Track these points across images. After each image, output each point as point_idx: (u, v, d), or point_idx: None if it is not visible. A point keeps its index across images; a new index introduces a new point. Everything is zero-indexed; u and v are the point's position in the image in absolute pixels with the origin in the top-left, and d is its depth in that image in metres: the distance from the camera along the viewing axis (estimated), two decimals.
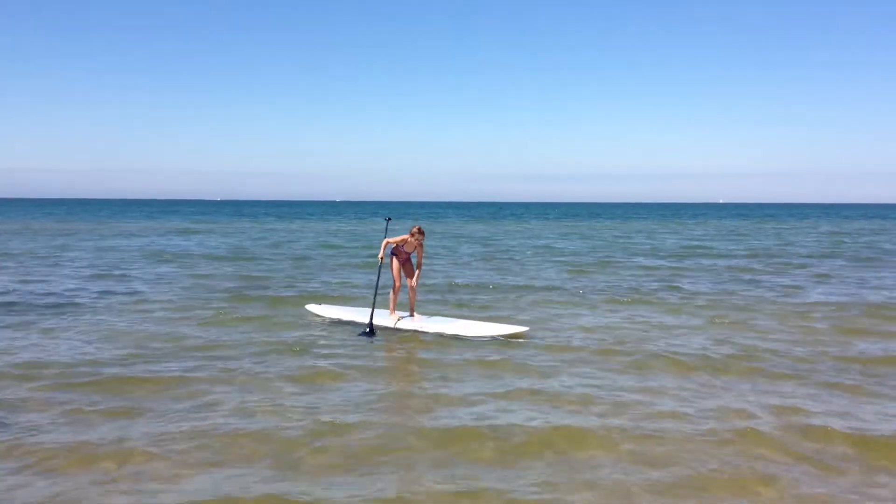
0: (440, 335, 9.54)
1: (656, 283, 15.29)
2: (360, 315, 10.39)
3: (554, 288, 14.41)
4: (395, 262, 10.22)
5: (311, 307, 11.15)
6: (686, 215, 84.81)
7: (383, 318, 10.17)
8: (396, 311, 10.30)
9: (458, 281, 15.45)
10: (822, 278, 16.47)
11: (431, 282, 14.88)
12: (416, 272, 10.27)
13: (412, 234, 10.01)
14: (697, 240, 32.54)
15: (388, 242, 10.14)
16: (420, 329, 9.85)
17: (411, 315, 10.28)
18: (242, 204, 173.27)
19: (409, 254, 10.30)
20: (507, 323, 10.05)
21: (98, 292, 13.30)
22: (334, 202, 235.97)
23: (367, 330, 9.64)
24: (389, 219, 11.26)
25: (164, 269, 17.78)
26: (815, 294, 13.72)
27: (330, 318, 10.66)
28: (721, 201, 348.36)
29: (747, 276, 16.78)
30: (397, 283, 10.19)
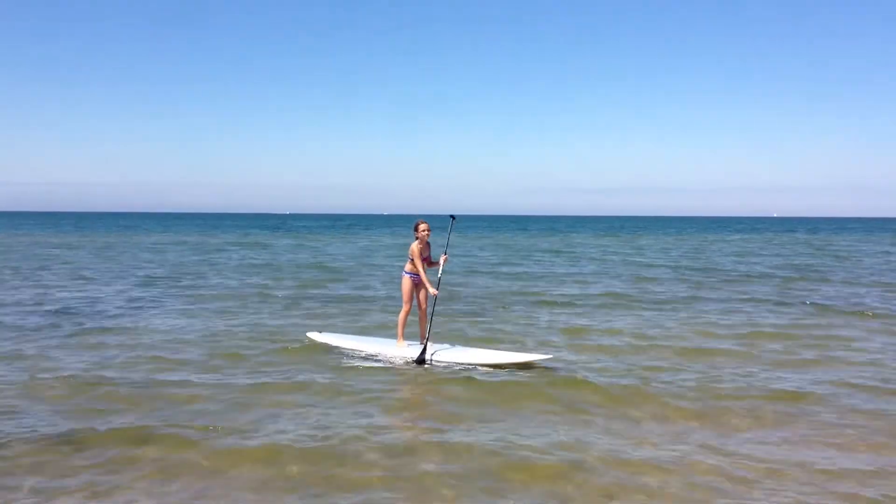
0: (461, 365, 8.71)
1: None
2: (363, 343, 9.71)
3: None
4: (408, 282, 9.07)
5: (313, 335, 10.32)
6: (803, 229, 79.55)
7: (389, 347, 9.35)
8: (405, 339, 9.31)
9: None
10: None
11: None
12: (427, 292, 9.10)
13: (421, 234, 9.02)
14: None
15: (416, 265, 9.02)
16: (432, 360, 8.90)
17: (422, 342, 9.12)
18: (308, 217, 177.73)
19: (427, 258, 9.26)
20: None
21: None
22: (388, 215, 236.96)
23: (420, 357, 8.87)
24: (454, 217, 9.81)
25: None
26: None
27: (334, 347, 9.82)
28: (775, 215, 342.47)
29: None
30: (407, 307, 9.12)
